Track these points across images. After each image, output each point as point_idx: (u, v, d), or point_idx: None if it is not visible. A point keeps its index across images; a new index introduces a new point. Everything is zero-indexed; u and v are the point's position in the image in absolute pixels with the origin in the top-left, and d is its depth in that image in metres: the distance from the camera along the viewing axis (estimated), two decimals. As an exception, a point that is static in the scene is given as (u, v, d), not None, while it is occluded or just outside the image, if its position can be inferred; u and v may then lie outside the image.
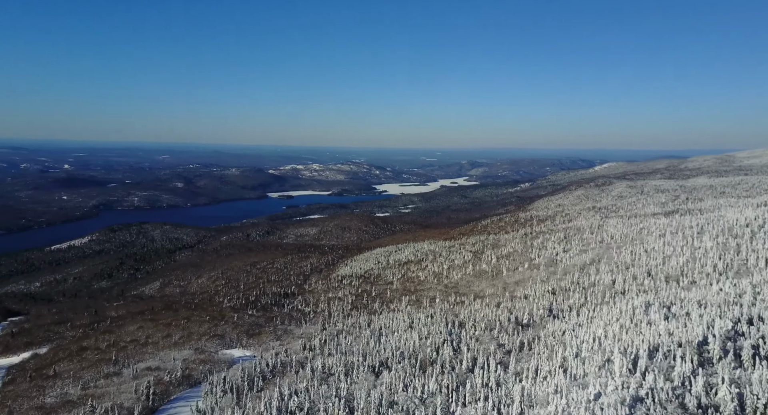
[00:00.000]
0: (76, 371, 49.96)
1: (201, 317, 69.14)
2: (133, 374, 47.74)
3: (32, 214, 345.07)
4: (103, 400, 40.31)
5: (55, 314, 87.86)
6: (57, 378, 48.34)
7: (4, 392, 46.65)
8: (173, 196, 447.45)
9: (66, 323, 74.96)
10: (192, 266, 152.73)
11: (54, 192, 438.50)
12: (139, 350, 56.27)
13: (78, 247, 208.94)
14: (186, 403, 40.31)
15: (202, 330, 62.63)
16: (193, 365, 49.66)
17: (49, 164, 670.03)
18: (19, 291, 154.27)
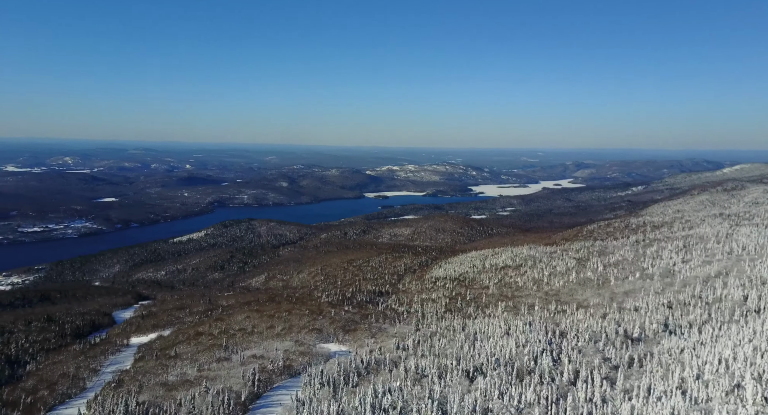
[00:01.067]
0: (193, 354, 54.80)
1: (301, 310, 72.52)
2: (241, 361, 51.18)
3: (160, 209, 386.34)
4: (215, 382, 43.67)
5: (177, 301, 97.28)
6: (177, 359, 53.37)
7: (136, 368, 52.50)
8: (278, 194, 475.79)
9: (185, 309, 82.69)
10: (294, 261, 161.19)
11: (177, 189, 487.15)
12: (246, 339, 60.28)
13: (195, 240, 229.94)
14: (287, 392, 42.34)
15: (302, 323, 65.58)
16: (293, 357, 52.08)
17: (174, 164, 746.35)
18: (148, 278, 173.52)
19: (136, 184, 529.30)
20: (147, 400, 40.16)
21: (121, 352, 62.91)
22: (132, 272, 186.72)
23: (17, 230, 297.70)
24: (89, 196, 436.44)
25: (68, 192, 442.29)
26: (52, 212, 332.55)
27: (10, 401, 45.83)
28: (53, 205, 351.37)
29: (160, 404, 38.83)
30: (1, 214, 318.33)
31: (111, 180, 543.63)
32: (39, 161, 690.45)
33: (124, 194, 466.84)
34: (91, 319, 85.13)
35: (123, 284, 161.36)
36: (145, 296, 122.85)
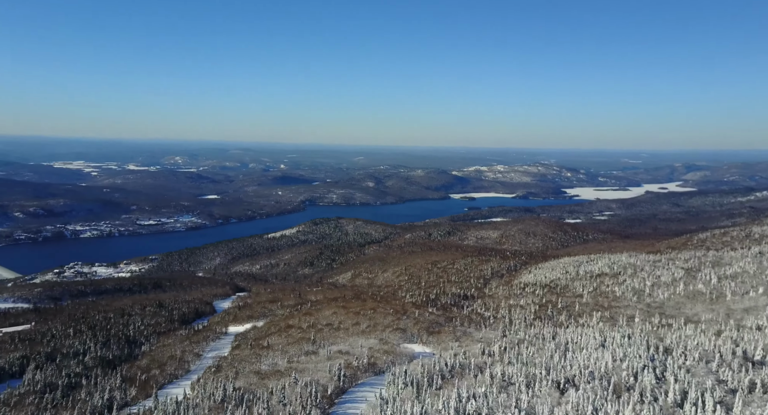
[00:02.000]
0: (283, 346, 57.41)
1: (385, 309, 73.23)
2: (328, 355, 52.68)
3: (256, 206, 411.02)
4: (303, 374, 45.32)
5: (270, 294, 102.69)
6: (269, 349, 56.20)
7: (233, 355, 56.07)
8: (365, 194, 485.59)
9: (277, 302, 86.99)
10: (379, 260, 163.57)
11: (272, 188, 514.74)
12: (333, 334, 61.99)
13: (288, 236, 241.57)
14: (371, 389, 42.84)
15: (386, 322, 66.16)
16: (378, 355, 52.61)
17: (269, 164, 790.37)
18: (244, 271, 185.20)
19: (236, 183, 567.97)
20: (242, 386, 42.62)
21: (220, 339, 67.52)
22: (230, 265, 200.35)
23: (136, 223, 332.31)
24: (195, 193, 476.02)
25: (178, 189, 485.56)
26: (165, 207, 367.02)
27: (129, 377, 50.98)
28: (165, 201, 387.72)
29: (254, 391, 41.01)
30: (124, 208, 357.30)
31: (214, 178, 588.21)
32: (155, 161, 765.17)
33: (225, 192, 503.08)
34: (195, 307, 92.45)
35: (222, 275, 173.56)
36: (241, 288, 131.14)
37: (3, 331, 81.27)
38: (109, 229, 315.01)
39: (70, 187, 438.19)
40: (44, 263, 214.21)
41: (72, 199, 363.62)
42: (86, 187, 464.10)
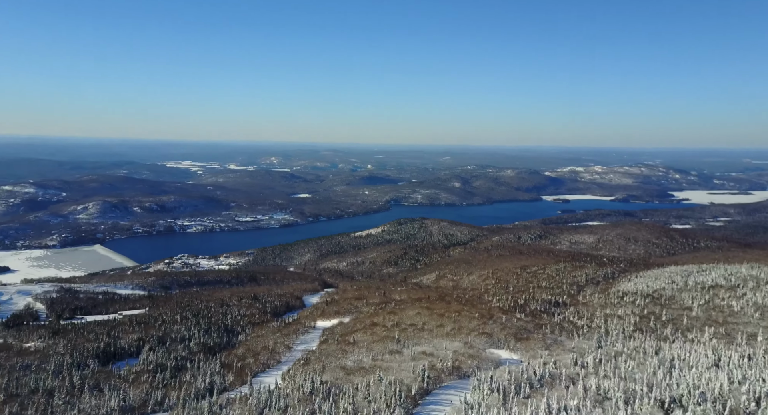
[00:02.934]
0: (368, 343, 58.29)
1: (471, 313, 71.75)
2: (411, 355, 52.60)
3: (344, 205, 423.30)
4: (387, 372, 45.63)
5: (356, 291, 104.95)
6: (355, 346, 57.35)
7: (320, 349, 57.97)
8: (450, 195, 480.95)
9: (363, 300, 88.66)
10: (464, 262, 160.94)
11: (359, 188, 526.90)
12: (416, 334, 61.85)
13: (373, 235, 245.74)
14: (455, 392, 42.07)
15: (471, 326, 64.74)
16: (462, 358, 51.59)
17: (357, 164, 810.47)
18: (332, 268, 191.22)
19: (326, 182, 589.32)
20: (329, 380, 43.81)
21: (308, 333, 70.12)
22: (319, 261, 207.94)
23: (234, 219, 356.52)
24: (288, 191, 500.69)
25: (273, 188, 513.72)
26: (260, 205, 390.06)
27: (227, 363, 54.57)
28: (261, 199, 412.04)
29: (340, 386, 41.97)
30: (225, 205, 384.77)
31: (306, 178, 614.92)
32: (252, 161, 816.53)
33: (316, 191, 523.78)
34: (286, 301, 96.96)
35: (312, 271, 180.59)
36: (329, 284, 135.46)
37: (123, 314, 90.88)
38: (212, 224, 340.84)
39: (180, 185, 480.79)
40: (157, 254, 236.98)
41: (181, 196, 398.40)
42: (193, 185, 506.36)
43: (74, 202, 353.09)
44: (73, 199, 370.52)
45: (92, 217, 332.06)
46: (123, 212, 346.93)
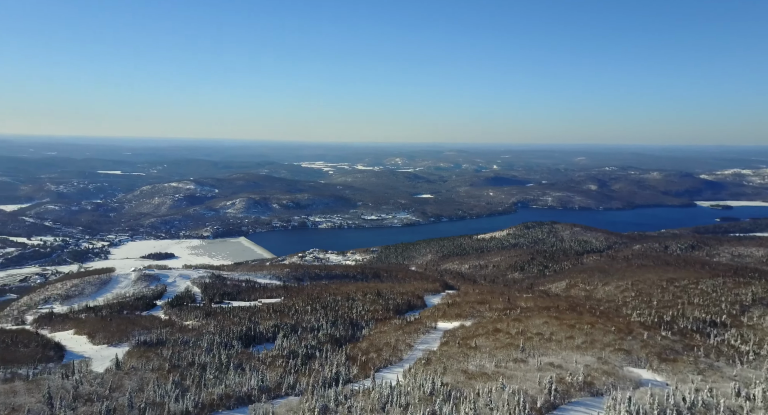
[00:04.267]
0: (491, 349, 56.49)
1: (606, 326, 65.85)
2: (537, 366, 49.78)
3: (466, 206, 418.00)
4: (511, 381, 43.70)
5: (478, 295, 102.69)
6: (477, 350, 55.97)
7: (441, 351, 57.63)
8: (585, 198, 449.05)
9: (485, 304, 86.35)
10: (599, 271, 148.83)
11: (483, 189, 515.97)
12: (543, 344, 58.43)
13: (497, 238, 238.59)
14: (586, 410, 38.87)
15: (607, 340, 59.40)
16: (595, 374, 47.49)
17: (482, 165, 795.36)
18: (453, 269, 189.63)
19: (449, 183, 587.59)
20: (450, 382, 43.23)
21: (429, 333, 70.16)
22: (440, 262, 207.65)
23: (360, 217, 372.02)
24: (411, 191, 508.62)
25: (397, 188, 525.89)
26: (385, 204, 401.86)
27: (351, 356, 56.83)
28: (385, 199, 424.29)
29: (461, 390, 41.18)
30: (352, 204, 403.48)
31: (429, 178, 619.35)
32: (378, 161, 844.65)
33: (438, 191, 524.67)
34: (408, 299, 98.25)
35: (433, 271, 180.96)
36: (450, 286, 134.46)
37: (262, 302, 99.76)
38: (340, 221, 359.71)
39: (313, 184, 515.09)
40: (291, 247, 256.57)
41: (313, 194, 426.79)
42: (324, 184, 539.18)
43: (224, 198, 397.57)
44: (223, 195, 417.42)
45: (238, 212, 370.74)
46: (264, 208, 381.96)
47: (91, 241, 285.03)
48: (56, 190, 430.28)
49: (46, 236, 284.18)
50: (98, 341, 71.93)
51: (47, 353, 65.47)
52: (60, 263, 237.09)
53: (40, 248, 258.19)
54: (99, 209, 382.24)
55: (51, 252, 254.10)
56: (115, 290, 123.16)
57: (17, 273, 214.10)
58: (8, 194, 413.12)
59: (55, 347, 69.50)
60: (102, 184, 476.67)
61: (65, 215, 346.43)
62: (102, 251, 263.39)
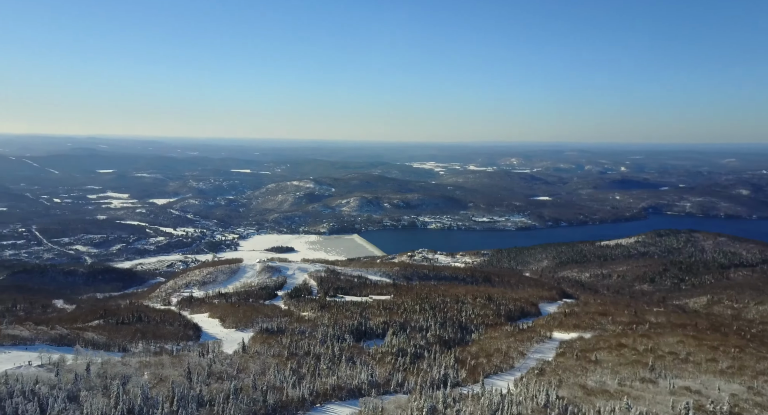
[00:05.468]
0: (614, 365, 51.85)
1: (760, 351, 57.02)
2: (670, 389, 44.66)
3: (588, 211, 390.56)
4: (637, 402, 39.67)
5: (599, 305, 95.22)
6: (597, 365, 51.73)
7: (557, 362, 54.22)
8: (733, 204, 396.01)
9: (608, 317, 79.64)
10: (750, 288, 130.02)
11: (608, 192, 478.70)
12: (677, 366, 52.25)
13: (624, 246, 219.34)
14: (731, 448, 33.86)
15: (761, 368, 51.37)
16: (745, 406, 41.28)
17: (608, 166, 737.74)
18: (572, 277, 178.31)
19: (569, 185, 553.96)
20: (565, 396, 40.43)
21: (544, 343, 66.46)
22: (557, 269, 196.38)
23: (471, 219, 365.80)
24: (527, 193, 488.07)
25: (511, 189, 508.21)
26: (497, 206, 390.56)
27: (460, 359, 55.83)
28: (498, 201, 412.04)
29: (579, 405, 38.28)
30: (463, 205, 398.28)
31: (547, 180, 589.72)
32: (492, 162, 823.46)
33: (557, 194, 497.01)
34: (521, 306, 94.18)
35: (549, 278, 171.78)
36: (568, 294, 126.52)
37: (373, 298, 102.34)
38: (450, 222, 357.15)
39: (423, 185, 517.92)
40: (400, 246, 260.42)
41: (423, 194, 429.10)
42: (435, 184, 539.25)
43: (340, 197, 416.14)
44: (339, 193, 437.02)
45: (352, 210, 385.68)
46: (376, 207, 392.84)
47: (223, 233, 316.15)
48: (197, 187, 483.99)
49: (187, 227, 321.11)
50: (228, 325, 79.20)
51: (187, 332, 73.56)
52: (198, 252, 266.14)
53: (182, 238, 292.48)
54: (231, 205, 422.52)
55: (191, 242, 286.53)
56: (242, 279, 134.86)
57: (165, 259, 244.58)
58: (160, 189, 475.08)
59: (193, 327, 77.91)
60: (234, 181, 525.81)
61: (203, 209, 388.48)
62: (232, 243, 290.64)
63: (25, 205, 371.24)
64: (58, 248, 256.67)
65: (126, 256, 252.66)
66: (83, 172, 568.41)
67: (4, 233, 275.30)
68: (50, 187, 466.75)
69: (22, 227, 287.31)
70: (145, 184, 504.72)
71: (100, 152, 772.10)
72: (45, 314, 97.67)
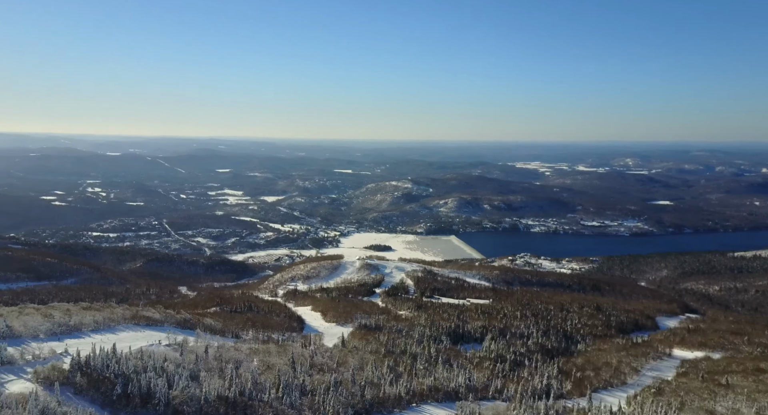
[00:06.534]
0: (749, 391, 45.43)
1: None
2: (824, 427, 38.08)
3: (719, 217, 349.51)
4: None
5: (732, 323, 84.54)
6: (728, 389, 45.72)
7: (678, 382, 48.87)
8: None
9: (742, 336, 70.25)
10: None
11: (745, 197, 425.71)
12: (833, 400, 44.42)
13: (763, 258, 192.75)
14: None
15: None
16: None
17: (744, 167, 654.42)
18: (697, 290, 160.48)
19: (695, 188, 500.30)
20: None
21: (662, 360, 60.40)
22: (679, 280, 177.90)
23: (579, 223, 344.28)
24: (643, 197, 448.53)
25: (625, 192, 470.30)
26: (609, 210, 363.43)
27: (565, 370, 52.53)
28: (610, 204, 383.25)
29: (705, 435, 34.08)
30: (570, 207, 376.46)
31: (667, 182, 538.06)
32: (603, 162, 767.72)
33: (680, 198, 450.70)
34: (635, 318, 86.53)
35: (668, 290, 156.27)
36: (692, 309, 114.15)
37: (470, 301, 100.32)
38: (555, 226, 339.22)
39: (526, 186, 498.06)
40: (500, 249, 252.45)
41: (527, 196, 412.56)
42: (539, 186, 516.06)
43: (438, 197, 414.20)
44: (437, 194, 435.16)
45: (450, 211, 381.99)
46: (475, 208, 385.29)
47: (326, 230, 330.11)
48: (302, 186, 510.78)
49: (293, 224, 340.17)
50: (329, 319, 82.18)
51: (292, 323, 77.56)
52: (303, 247, 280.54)
53: (289, 234, 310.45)
54: (333, 203, 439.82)
55: (297, 238, 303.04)
56: (342, 276, 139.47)
57: (273, 253, 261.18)
58: (270, 188, 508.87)
59: (297, 319, 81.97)
60: (336, 181, 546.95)
61: (308, 207, 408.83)
62: (334, 240, 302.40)
63: (157, 201, 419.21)
64: (183, 239, 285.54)
65: (239, 249, 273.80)
66: (204, 171, 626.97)
67: (141, 224, 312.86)
68: (178, 184, 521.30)
69: (155, 220, 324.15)
70: (257, 183, 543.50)
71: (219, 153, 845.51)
72: (172, 299, 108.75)
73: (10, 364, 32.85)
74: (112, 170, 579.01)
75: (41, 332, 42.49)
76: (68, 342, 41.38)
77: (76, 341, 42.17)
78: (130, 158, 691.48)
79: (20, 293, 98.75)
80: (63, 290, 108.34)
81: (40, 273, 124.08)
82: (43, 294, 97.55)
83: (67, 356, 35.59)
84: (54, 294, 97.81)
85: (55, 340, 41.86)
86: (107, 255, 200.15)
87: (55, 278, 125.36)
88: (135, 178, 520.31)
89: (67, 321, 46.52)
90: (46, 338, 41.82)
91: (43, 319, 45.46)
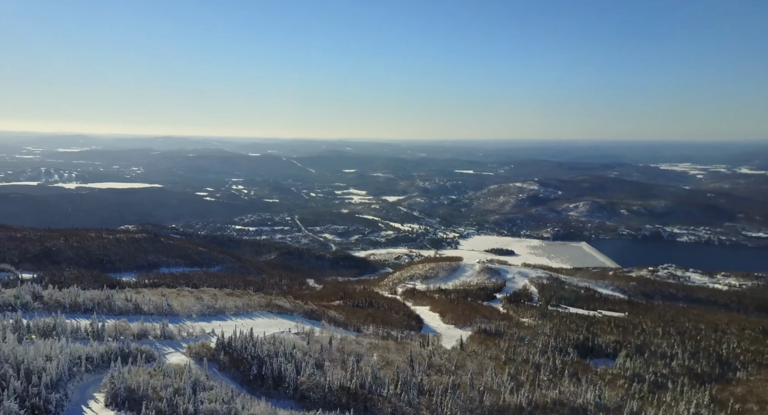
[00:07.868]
0: None
1: None
2: None
3: None
4: None
5: None
6: None
7: None
8: None
9: None
10: None
11: None
12: None
13: None
14: None
15: None
16: None
17: None
18: None
19: None
20: None
21: None
22: None
23: (740, 233, 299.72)
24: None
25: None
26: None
27: (718, 399, 45.64)
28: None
29: None
30: (728, 215, 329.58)
31: None
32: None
33: None
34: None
35: None
36: None
37: (602, 313, 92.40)
38: (708, 235, 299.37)
39: (673, 190, 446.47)
40: (638, 259, 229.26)
41: (672, 201, 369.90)
42: (689, 190, 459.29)
43: (567, 201, 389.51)
44: (566, 197, 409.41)
45: (581, 215, 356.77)
46: (609, 213, 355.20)
47: (445, 231, 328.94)
48: (422, 187, 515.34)
49: (413, 224, 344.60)
50: (447, 321, 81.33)
51: (410, 322, 78.16)
52: (421, 247, 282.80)
53: (408, 234, 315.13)
54: (453, 204, 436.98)
55: (416, 238, 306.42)
56: (461, 278, 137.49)
57: (393, 252, 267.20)
58: (391, 188, 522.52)
59: (416, 318, 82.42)
60: (457, 182, 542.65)
61: (427, 207, 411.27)
62: (453, 241, 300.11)
63: (290, 198, 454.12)
64: (311, 235, 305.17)
65: (362, 246, 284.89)
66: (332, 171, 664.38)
67: (276, 219, 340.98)
68: (308, 183, 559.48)
69: (288, 216, 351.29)
70: (379, 183, 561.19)
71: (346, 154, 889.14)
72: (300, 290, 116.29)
73: (170, 339, 37.49)
74: (252, 169, 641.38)
75: (194, 313, 47.97)
76: (214, 323, 46.23)
77: (221, 323, 46.91)
78: (268, 159, 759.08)
79: (178, 277, 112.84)
80: (211, 276, 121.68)
81: (194, 260, 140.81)
82: (196, 279, 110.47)
83: (213, 336, 39.59)
84: (204, 280, 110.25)
85: (204, 320, 47.00)
86: (247, 247, 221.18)
87: (205, 265, 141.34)
88: (272, 177, 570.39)
89: (214, 304, 52.01)
90: (197, 318, 47.10)
91: (195, 301, 51.38)
